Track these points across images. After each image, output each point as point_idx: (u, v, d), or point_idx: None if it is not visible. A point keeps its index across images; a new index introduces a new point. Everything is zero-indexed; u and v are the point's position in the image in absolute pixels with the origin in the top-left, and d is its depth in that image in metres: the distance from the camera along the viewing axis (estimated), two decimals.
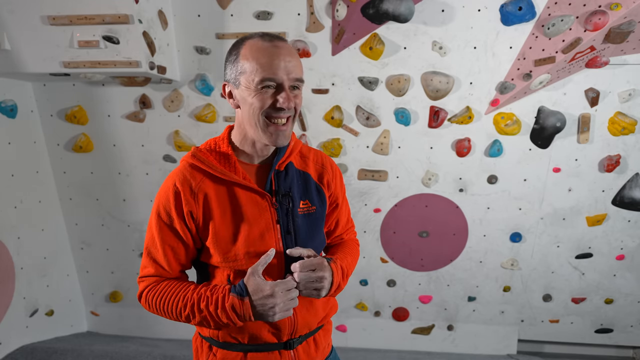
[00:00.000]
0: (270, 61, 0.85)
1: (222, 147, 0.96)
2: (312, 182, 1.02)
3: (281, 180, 0.97)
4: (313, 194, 1.01)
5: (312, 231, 1.00)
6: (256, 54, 0.86)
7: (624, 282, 2.29)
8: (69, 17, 1.69)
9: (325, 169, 1.05)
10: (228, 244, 0.93)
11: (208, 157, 0.94)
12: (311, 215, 1.00)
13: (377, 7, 1.89)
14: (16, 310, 2.18)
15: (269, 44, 0.86)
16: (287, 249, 0.95)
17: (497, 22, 1.90)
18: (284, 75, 0.86)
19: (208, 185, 0.93)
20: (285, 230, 0.96)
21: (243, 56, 0.87)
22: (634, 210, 2.14)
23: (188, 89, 2.11)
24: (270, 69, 0.85)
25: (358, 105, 2.10)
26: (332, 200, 1.08)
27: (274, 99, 0.87)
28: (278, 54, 0.86)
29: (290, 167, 1.00)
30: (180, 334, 2.46)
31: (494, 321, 2.42)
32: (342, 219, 1.13)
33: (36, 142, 2.19)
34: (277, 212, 0.95)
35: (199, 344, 1.04)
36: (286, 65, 0.86)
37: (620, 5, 1.73)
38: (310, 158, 1.05)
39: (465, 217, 2.24)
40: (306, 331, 1.01)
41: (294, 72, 0.87)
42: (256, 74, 0.85)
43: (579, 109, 2.02)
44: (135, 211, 2.33)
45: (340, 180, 1.10)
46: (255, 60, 0.86)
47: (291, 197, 0.97)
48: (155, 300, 0.95)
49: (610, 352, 2.46)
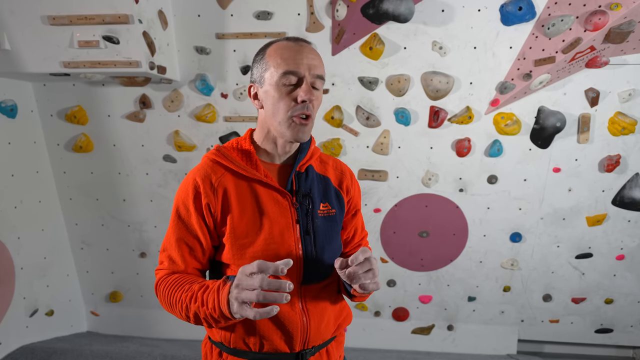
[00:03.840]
0: (293, 55, 0.88)
1: (244, 145, 0.97)
2: (331, 186, 1.02)
3: (302, 181, 0.97)
4: (332, 198, 1.01)
5: (331, 234, 0.99)
6: (280, 51, 0.89)
7: (624, 282, 2.29)
8: (69, 17, 1.69)
9: (345, 175, 1.06)
10: (246, 240, 0.91)
11: (231, 153, 0.96)
12: (331, 218, 1.00)
13: (377, 7, 1.89)
14: (16, 310, 2.17)
15: (293, 43, 0.90)
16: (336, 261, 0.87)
17: (497, 22, 1.91)
18: (306, 70, 0.88)
19: (229, 180, 0.94)
20: (305, 230, 0.95)
21: (268, 55, 0.91)
22: (634, 210, 2.14)
23: (188, 89, 2.11)
24: (292, 63, 0.88)
25: (358, 105, 2.10)
26: (350, 206, 1.07)
27: (296, 93, 0.89)
28: (301, 50, 0.89)
29: (311, 169, 1.00)
30: (180, 334, 2.46)
31: (494, 321, 2.42)
32: (359, 228, 1.13)
33: (36, 142, 2.19)
34: (297, 212, 0.95)
35: (209, 349, 1.02)
36: (309, 61, 0.89)
37: (620, 5, 1.73)
38: (329, 164, 1.06)
39: (465, 217, 2.24)
40: (320, 342, 0.99)
41: (316, 69, 0.89)
42: (279, 67, 0.88)
43: (579, 109, 2.02)
44: (135, 211, 2.33)
45: (358, 190, 1.10)
46: (279, 56, 0.89)
47: (311, 198, 0.97)
48: (165, 291, 0.91)
49: (610, 352, 2.46)
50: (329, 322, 1.01)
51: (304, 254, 0.95)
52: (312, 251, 0.96)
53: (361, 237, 1.14)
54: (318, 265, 0.96)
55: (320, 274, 0.98)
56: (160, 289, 0.93)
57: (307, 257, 0.95)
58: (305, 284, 0.96)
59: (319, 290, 0.98)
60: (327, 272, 0.99)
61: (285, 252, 0.93)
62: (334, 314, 1.02)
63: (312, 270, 0.96)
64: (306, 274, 0.95)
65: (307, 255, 0.95)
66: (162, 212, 2.31)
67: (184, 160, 2.22)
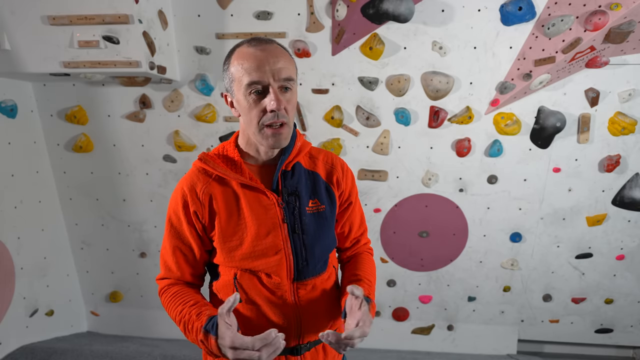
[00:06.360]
0: (254, 65, 0.85)
1: (229, 150, 0.98)
2: (321, 181, 1.02)
3: (288, 180, 0.98)
4: (322, 194, 1.01)
5: (321, 230, 1.00)
6: (241, 60, 0.87)
7: (624, 282, 2.29)
8: (69, 17, 1.69)
9: (335, 168, 1.05)
10: (234, 243, 0.94)
11: (215, 160, 0.96)
12: (320, 214, 1.00)
13: (377, 7, 1.89)
14: (16, 310, 2.18)
15: (253, 48, 0.87)
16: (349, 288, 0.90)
17: (497, 22, 1.90)
18: (270, 78, 0.86)
19: (215, 187, 0.95)
20: (292, 229, 0.96)
21: (232, 64, 0.89)
22: (634, 210, 2.14)
23: (188, 89, 2.11)
24: (255, 72, 0.85)
25: (358, 105, 2.10)
26: (343, 199, 1.07)
27: (264, 103, 0.87)
28: (262, 57, 0.86)
29: (298, 167, 1.00)
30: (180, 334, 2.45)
31: (494, 321, 2.42)
32: (355, 221, 1.12)
33: (36, 142, 2.19)
34: (284, 211, 0.96)
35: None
36: (271, 67, 0.85)
37: (620, 5, 1.73)
38: (319, 159, 1.06)
39: (465, 217, 2.24)
40: (315, 337, 1.00)
41: (281, 73, 0.86)
42: (243, 79, 0.86)
43: (579, 109, 2.02)
44: (135, 211, 2.33)
45: (351, 180, 1.09)
46: (240, 66, 0.87)
47: (298, 196, 0.97)
48: (165, 304, 0.99)
49: (610, 352, 2.46)
50: (324, 318, 1.02)
51: (293, 251, 0.96)
52: (302, 249, 0.97)
53: (360, 233, 1.14)
54: (309, 262, 0.98)
55: (312, 270, 0.99)
56: (162, 300, 1.00)
57: (297, 255, 0.96)
58: (297, 281, 0.97)
59: (313, 286, 1.00)
60: (319, 268, 1.01)
61: (273, 251, 0.94)
62: (330, 309, 1.03)
63: (303, 267, 0.97)
64: (297, 271, 0.96)
65: (297, 253, 0.96)
66: (162, 212, 2.31)
67: (184, 160, 2.22)
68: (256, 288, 0.96)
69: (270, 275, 0.95)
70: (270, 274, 0.95)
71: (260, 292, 0.96)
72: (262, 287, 0.96)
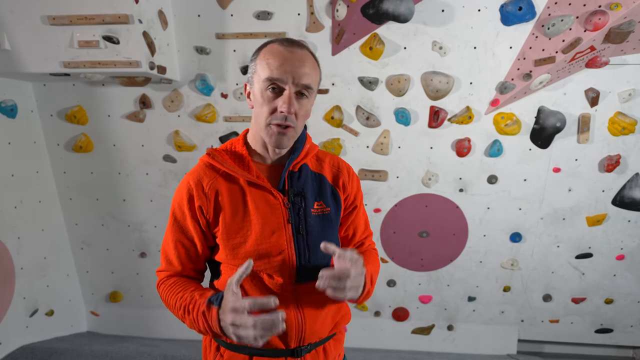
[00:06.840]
0: (278, 63, 0.86)
1: (237, 147, 0.99)
2: (327, 184, 1.02)
3: (294, 181, 0.98)
4: (328, 196, 1.01)
5: (325, 232, 0.99)
6: (268, 55, 0.88)
7: (624, 282, 2.29)
8: (69, 17, 1.69)
9: (341, 172, 1.06)
10: (238, 240, 0.94)
11: (223, 156, 0.97)
12: (325, 216, 1.00)
13: (377, 7, 1.89)
14: (16, 310, 2.17)
15: (283, 48, 0.88)
16: (323, 245, 0.90)
17: (497, 22, 1.91)
18: (289, 80, 0.86)
19: (221, 183, 0.95)
20: (296, 230, 0.96)
21: (259, 57, 0.91)
22: (634, 210, 2.14)
23: (188, 89, 2.11)
24: (277, 70, 0.86)
25: (358, 105, 2.10)
26: (348, 202, 1.07)
27: (276, 103, 0.88)
28: (289, 58, 0.87)
29: (305, 168, 1.00)
30: (180, 334, 2.46)
31: (494, 321, 2.42)
32: (359, 225, 1.11)
33: (36, 142, 2.19)
34: (289, 212, 0.95)
35: (208, 342, 1.04)
36: (294, 70, 0.86)
37: (620, 5, 1.73)
38: (326, 161, 1.06)
39: (465, 217, 2.24)
40: (316, 339, 1.00)
41: (302, 78, 0.87)
42: (263, 73, 0.88)
43: (579, 109, 2.02)
44: (135, 211, 2.33)
45: (357, 185, 1.09)
46: (265, 61, 0.88)
47: (304, 197, 0.97)
48: (163, 294, 0.98)
49: (610, 352, 2.46)
50: (325, 320, 1.01)
51: (296, 253, 0.95)
52: (305, 250, 0.96)
53: (364, 236, 1.13)
54: (311, 264, 0.97)
55: (314, 272, 0.97)
56: (160, 291, 0.99)
57: (300, 256, 0.96)
58: (299, 282, 0.96)
59: (314, 288, 0.98)
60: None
61: (277, 251, 0.94)
62: (331, 312, 1.02)
63: (305, 269, 0.96)
64: (299, 273, 0.96)
65: (300, 254, 0.96)
66: (162, 212, 2.31)
67: (184, 160, 2.22)
68: (257, 288, 0.95)
69: (272, 276, 0.94)
70: (272, 274, 0.94)
71: (262, 292, 0.95)
72: (263, 287, 0.95)
